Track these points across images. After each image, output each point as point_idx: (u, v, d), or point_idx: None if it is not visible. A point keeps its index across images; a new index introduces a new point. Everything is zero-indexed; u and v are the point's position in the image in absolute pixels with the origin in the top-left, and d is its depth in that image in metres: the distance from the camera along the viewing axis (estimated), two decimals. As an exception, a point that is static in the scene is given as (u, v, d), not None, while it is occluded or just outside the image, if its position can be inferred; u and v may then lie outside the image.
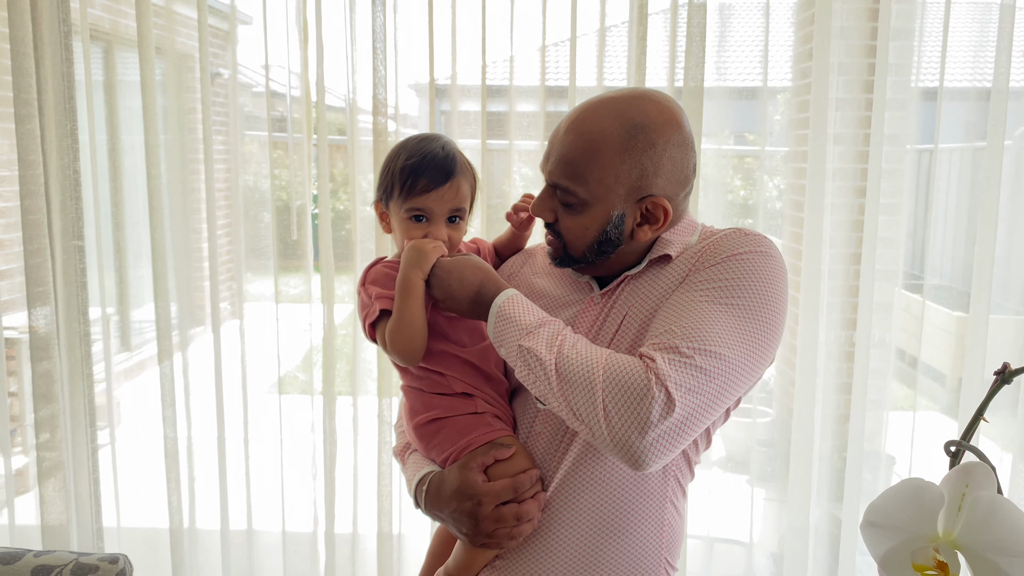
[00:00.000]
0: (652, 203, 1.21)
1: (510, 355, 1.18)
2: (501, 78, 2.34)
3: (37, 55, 2.19)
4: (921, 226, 2.62)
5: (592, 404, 1.07)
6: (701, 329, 1.10)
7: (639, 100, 1.21)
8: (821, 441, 2.39)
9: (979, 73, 2.26)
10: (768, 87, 2.28)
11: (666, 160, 1.20)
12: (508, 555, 1.29)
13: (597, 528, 1.25)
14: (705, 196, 2.36)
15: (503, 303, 1.20)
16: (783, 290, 1.19)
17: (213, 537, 2.53)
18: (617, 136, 1.18)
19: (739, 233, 1.23)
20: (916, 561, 0.67)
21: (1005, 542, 0.63)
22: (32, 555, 1.54)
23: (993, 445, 2.37)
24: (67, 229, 2.30)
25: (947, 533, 0.66)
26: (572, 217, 1.24)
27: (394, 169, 1.33)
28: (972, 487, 0.66)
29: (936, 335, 2.88)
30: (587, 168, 1.20)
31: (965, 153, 2.40)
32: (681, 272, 1.22)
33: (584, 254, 1.26)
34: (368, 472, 2.47)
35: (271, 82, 2.37)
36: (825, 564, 2.45)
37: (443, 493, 1.27)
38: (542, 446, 1.28)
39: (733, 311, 1.13)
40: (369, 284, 1.33)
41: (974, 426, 0.81)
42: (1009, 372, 0.80)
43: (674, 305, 1.16)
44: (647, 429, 1.04)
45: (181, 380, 2.44)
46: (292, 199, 2.43)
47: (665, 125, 1.20)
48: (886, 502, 0.70)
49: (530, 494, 1.25)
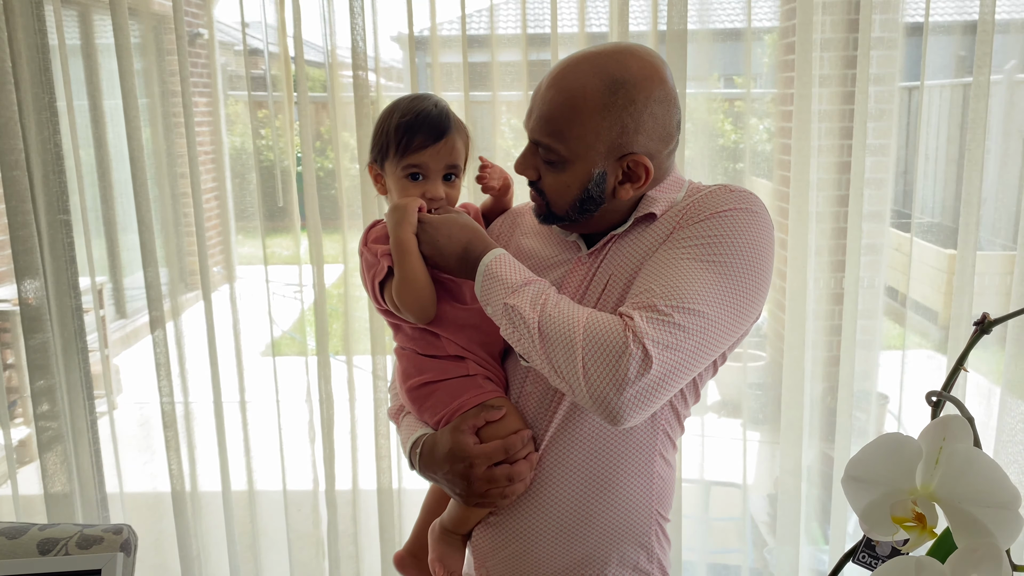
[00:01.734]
0: (633, 161, 1.20)
1: (495, 313, 1.18)
2: (481, 28, 2.30)
3: (9, 26, 2.14)
4: (911, 166, 2.61)
5: (572, 362, 1.08)
6: (680, 287, 1.10)
7: (620, 55, 1.19)
8: (812, 383, 2.41)
9: (965, 6, 2.23)
10: (752, 28, 2.25)
11: (647, 117, 1.18)
12: (501, 511, 1.31)
13: (587, 484, 1.26)
14: (695, 141, 2.34)
15: (491, 262, 1.20)
16: (768, 247, 1.18)
17: (215, 499, 2.57)
18: (597, 92, 1.17)
19: (724, 190, 1.22)
20: (895, 514, 0.67)
21: (980, 493, 0.63)
22: (37, 528, 1.56)
23: (982, 380, 2.39)
24: (51, 203, 2.28)
25: (925, 486, 0.67)
26: (554, 175, 1.23)
27: (388, 128, 1.32)
28: (949, 440, 0.67)
29: (928, 273, 2.88)
30: (567, 125, 1.19)
31: (955, 89, 2.37)
32: (666, 230, 1.22)
33: (567, 212, 1.25)
34: (366, 429, 2.49)
35: (250, 38, 2.33)
36: (819, 502, 2.50)
37: (436, 455, 1.29)
38: (533, 405, 1.30)
39: (714, 268, 1.12)
40: (372, 243, 1.33)
41: (955, 376, 0.81)
42: (988, 323, 0.80)
43: (655, 263, 1.16)
44: (624, 386, 1.05)
45: (175, 346, 2.44)
46: (277, 160, 2.40)
47: (646, 81, 1.18)
48: (866, 456, 0.71)
49: (522, 454, 1.27)
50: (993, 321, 0.80)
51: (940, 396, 0.80)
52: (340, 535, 2.54)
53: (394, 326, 1.39)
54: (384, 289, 1.30)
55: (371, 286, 1.32)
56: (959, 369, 0.81)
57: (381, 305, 1.34)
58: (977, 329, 0.81)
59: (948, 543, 0.69)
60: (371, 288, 1.33)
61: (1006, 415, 2.16)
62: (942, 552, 0.69)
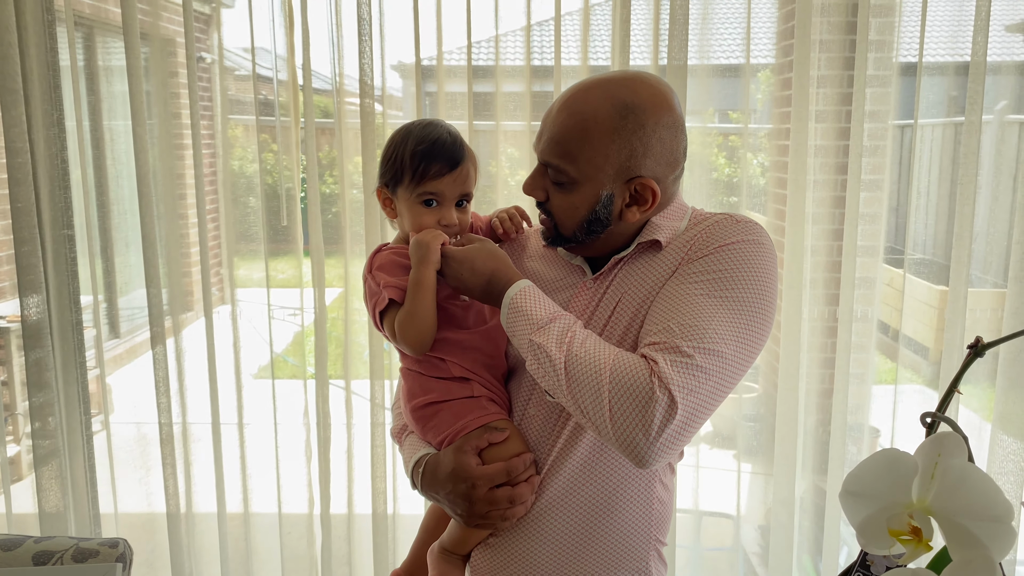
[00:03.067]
0: (640, 184, 1.23)
1: (521, 347, 1.21)
2: (487, 58, 2.35)
3: (21, 43, 2.18)
4: (904, 202, 2.65)
5: (599, 404, 1.10)
6: (699, 326, 1.11)
7: (631, 81, 1.23)
8: (806, 415, 2.43)
9: (958, 48, 2.29)
10: (751, 64, 2.30)
11: (655, 141, 1.21)
12: (501, 533, 1.32)
13: (587, 508, 1.28)
14: (690, 174, 2.38)
15: (515, 295, 1.22)
16: (774, 279, 1.21)
17: (210, 520, 2.56)
18: (607, 116, 1.20)
19: (730, 220, 1.24)
20: (892, 527, 0.69)
21: (974, 507, 0.66)
22: (32, 541, 1.56)
23: (973, 416, 2.42)
24: (56, 218, 2.30)
25: (921, 500, 0.69)
26: (562, 195, 1.26)
27: (402, 155, 1.34)
28: (944, 456, 0.69)
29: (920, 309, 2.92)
30: (577, 147, 1.21)
31: (946, 128, 2.42)
32: (673, 261, 1.24)
33: (574, 233, 1.27)
34: (362, 453, 2.50)
35: (257, 66, 2.37)
36: (811, 534, 2.51)
37: (438, 475, 1.30)
38: (535, 429, 1.31)
39: (728, 304, 1.14)
40: (376, 271, 1.35)
41: (949, 398, 0.84)
42: (981, 346, 0.83)
43: (670, 298, 1.18)
44: (651, 432, 1.07)
45: (174, 365, 2.45)
46: (280, 183, 2.44)
47: (655, 107, 1.21)
48: (863, 472, 0.73)
49: (523, 477, 1.28)
50: (986, 344, 0.82)
51: (935, 417, 0.83)
52: (334, 557, 2.54)
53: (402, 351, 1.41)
54: (384, 318, 1.32)
55: (372, 314, 1.35)
56: (953, 391, 0.84)
57: (381, 331, 1.36)
58: (971, 352, 0.83)
59: (947, 558, 0.71)
60: (372, 315, 1.35)
61: (997, 449, 2.18)
62: (941, 566, 0.71)
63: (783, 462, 2.38)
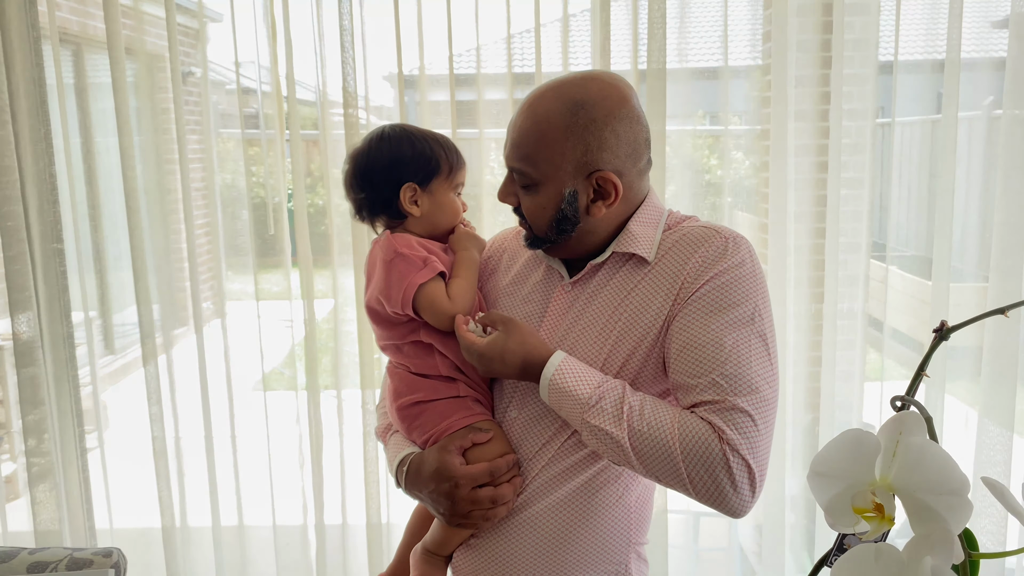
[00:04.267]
0: (601, 178, 1.25)
1: (574, 423, 1.23)
2: (468, 67, 2.37)
3: (7, 60, 2.20)
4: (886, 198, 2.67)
5: (677, 477, 1.15)
6: (741, 375, 1.16)
7: (582, 80, 1.25)
8: (795, 414, 2.44)
9: (933, 45, 2.31)
10: (729, 67, 2.33)
11: (608, 134, 1.23)
12: (482, 534, 1.34)
13: (567, 510, 1.29)
14: (679, 177, 2.40)
15: (553, 376, 1.23)
16: (767, 293, 1.26)
17: (205, 534, 2.57)
18: (559, 115, 1.23)
19: (715, 236, 1.25)
20: (856, 505, 0.71)
21: (933, 482, 0.67)
22: (27, 553, 1.57)
23: (961, 405, 2.44)
24: (46, 233, 2.31)
25: (883, 477, 0.70)
26: (531, 198, 1.29)
27: (430, 151, 1.41)
28: (905, 434, 0.71)
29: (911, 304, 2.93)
30: (536, 149, 1.25)
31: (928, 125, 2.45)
32: (663, 284, 1.25)
33: (547, 233, 1.30)
34: (355, 464, 2.51)
35: (243, 79, 2.39)
36: (804, 531, 2.52)
37: (422, 474, 1.32)
38: (517, 431, 1.33)
39: (752, 339, 1.19)
40: (404, 248, 1.37)
41: (917, 381, 0.86)
42: (946, 329, 0.85)
43: (698, 344, 1.19)
44: (736, 494, 1.14)
45: (167, 380, 2.46)
46: (269, 196, 2.45)
47: (606, 100, 1.23)
48: (830, 452, 0.74)
49: (506, 478, 1.29)
50: (951, 328, 0.84)
51: (904, 400, 0.84)
52: (329, 568, 2.54)
53: (393, 347, 1.42)
54: (422, 289, 1.33)
55: (403, 288, 1.34)
56: (921, 374, 0.85)
57: (404, 310, 1.34)
58: (936, 336, 0.85)
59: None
60: (402, 289, 1.34)
61: (984, 439, 2.20)
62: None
63: (774, 461, 2.40)
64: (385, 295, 1.36)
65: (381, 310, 1.38)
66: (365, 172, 1.42)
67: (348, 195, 1.46)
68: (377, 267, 1.39)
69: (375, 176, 1.41)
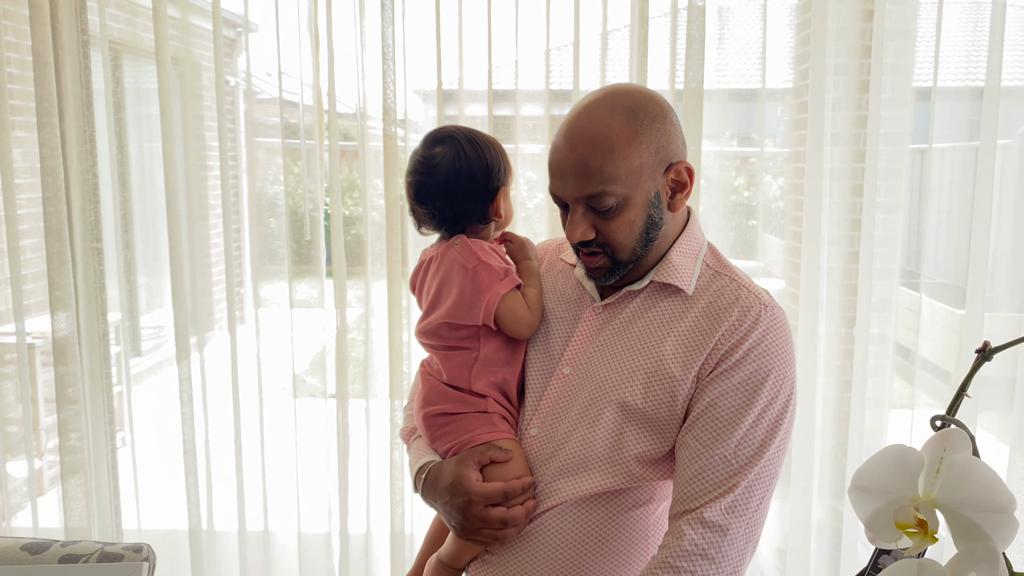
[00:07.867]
0: (676, 170, 1.26)
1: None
2: (506, 82, 2.39)
3: (57, 65, 2.26)
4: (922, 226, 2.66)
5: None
6: (746, 500, 1.21)
7: (616, 92, 1.26)
8: (822, 439, 2.43)
9: (972, 72, 2.31)
10: (767, 89, 2.33)
11: (669, 127, 1.25)
12: (498, 551, 1.32)
13: (584, 534, 1.28)
14: (708, 196, 2.40)
15: None
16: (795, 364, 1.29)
17: (231, 538, 2.58)
18: (621, 124, 1.22)
19: (756, 301, 1.25)
20: (898, 520, 0.71)
21: (978, 499, 0.67)
22: (59, 545, 1.58)
23: (991, 437, 2.41)
24: (87, 232, 2.36)
25: (927, 493, 0.70)
26: (616, 220, 1.24)
27: (499, 155, 1.41)
28: (949, 451, 0.71)
29: (940, 333, 2.91)
30: (612, 166, 1.21)
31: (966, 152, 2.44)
32: (693, 334, 1.26)
33: (634, 250, 1.27)
34: (380, 474, 2.51)
35: (281, 90, 2.43)
36: (828, 557, 2.49)
37: (439, 484, 1.31)
38: (536, 450, 1.32)
39: (774, 430, 1.22)
40: (485, 256, 1.36)
41: (958, 401, 0.86)
42: (989, 350, 0.85)
43: (712, 455, 1.22)
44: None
45: (198, 382, 2.49)
46: (304, 205, 2.49)
47: (651, 99, 1.26)
48: (871, 467, 0.75)
49: (519, 501, 1.28)
50: (994, 349, 0.84)
51: (944, 419, 0.84)
52: (351, 575, 2.55)
53: (444, 349, 1.40)
54: (504, 299, 1.34)
55: (486, 298, 1.34)
56: (962, 394, 0.85)
57: (485, 321, 1.35)
58: (979, 356, 0.85)
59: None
60: (485, 300, 1.34)
61: (1015, 472, 2.17)
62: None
63: (800, 486, 2.38)
64: (467, 303, 1.34)
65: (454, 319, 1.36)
66: (466, 179, 1.37)
67: (431, 205, 1.38)
68: (455, 273, 1.36)
69: (476, 184, 1.37)
